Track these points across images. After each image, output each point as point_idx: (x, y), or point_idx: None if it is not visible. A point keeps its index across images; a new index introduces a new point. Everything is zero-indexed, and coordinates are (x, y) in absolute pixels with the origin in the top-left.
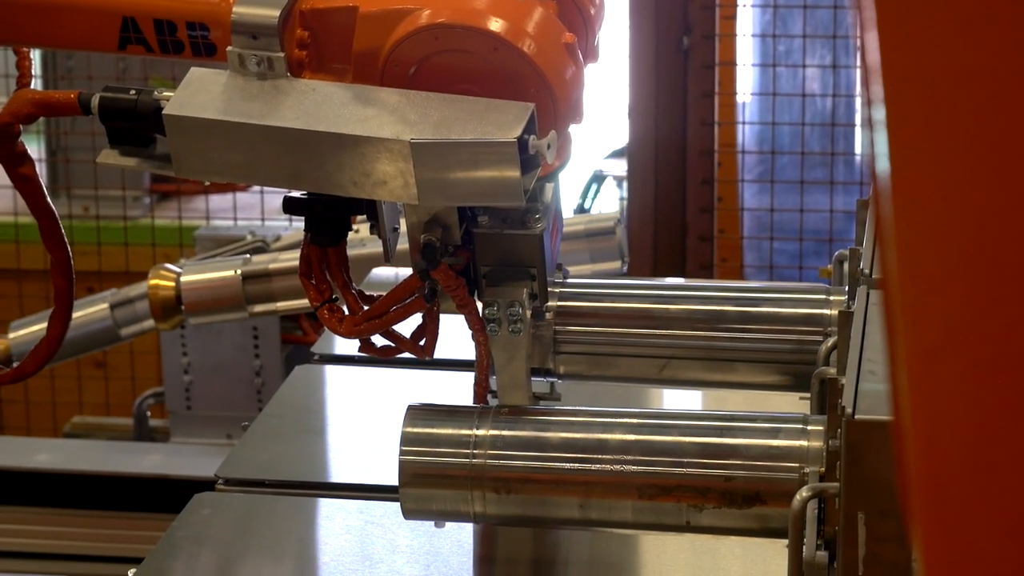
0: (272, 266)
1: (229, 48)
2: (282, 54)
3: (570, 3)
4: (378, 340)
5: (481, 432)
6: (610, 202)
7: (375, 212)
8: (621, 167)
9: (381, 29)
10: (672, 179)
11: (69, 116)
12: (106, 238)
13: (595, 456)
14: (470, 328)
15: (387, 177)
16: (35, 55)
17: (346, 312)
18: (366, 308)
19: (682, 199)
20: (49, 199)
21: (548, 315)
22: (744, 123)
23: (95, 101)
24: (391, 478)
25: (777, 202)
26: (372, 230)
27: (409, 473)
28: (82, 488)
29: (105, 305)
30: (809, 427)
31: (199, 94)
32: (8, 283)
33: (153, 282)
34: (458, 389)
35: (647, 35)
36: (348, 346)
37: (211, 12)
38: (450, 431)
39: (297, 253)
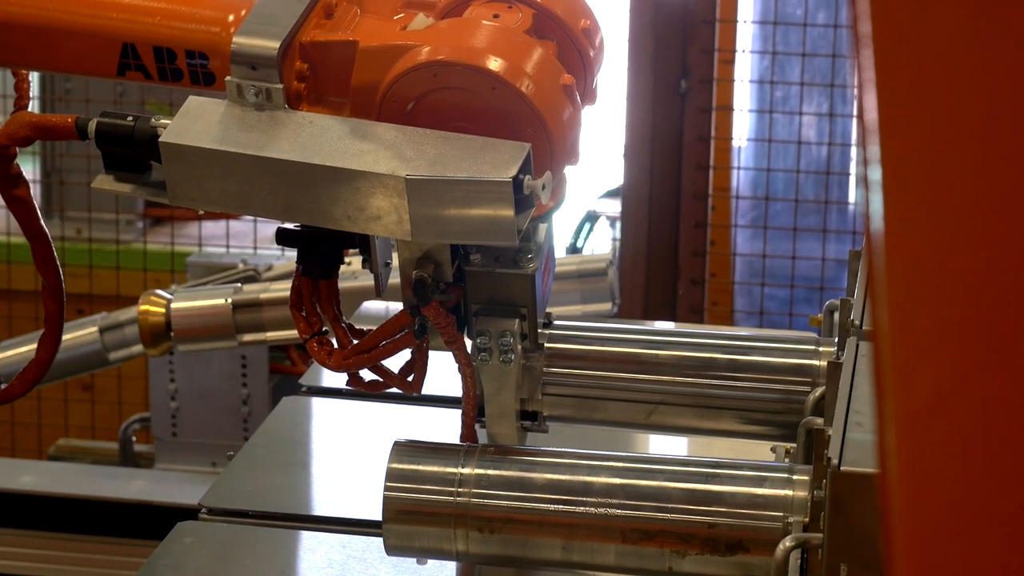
0: (263, 296)
1: (228, 78)
2: (280, 85)
3: (569, 44)
4: (366, 374)
5: (466, 470)
6: (603, 242)
7: (368, 246)
8: (614, 207)
9: (380, 64)
10: (665, 222)
11: (66, 140)
12: (98, 261)
13: (580, 498)
14: (458, 364)
15: (381, 212)
16: (33, 77)
17: (335, 345)
18: (355, 342)
19: (675, 242)
20: (43, 222)
21: (540, 349)
22: (739, 168)
23: (92, 126)
24: (375, 513)
25: (769, 248)
26: (364, 264)
27: (393, 509)
28: (65, 512)
29: (94, 328)
30: (794, 477)
31: (196, 123)
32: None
33: (143, 308)
34: (445, 426)
35: (645, 77)
36: (336, 379)
37: (211, 41)
38: (435, 468)
39: (288, 283)
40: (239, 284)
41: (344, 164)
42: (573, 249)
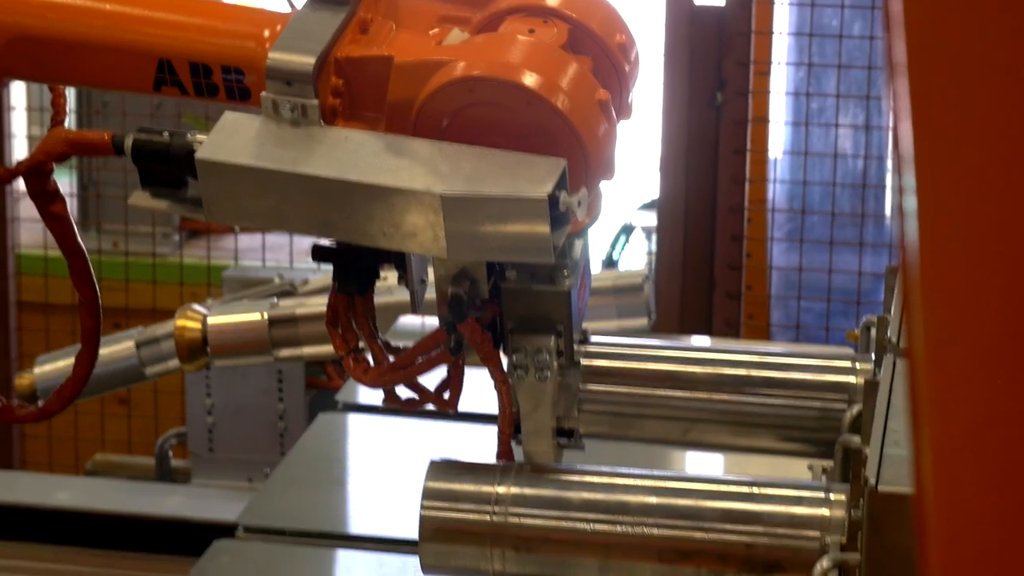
0: (299, 311)
1: (263, 94)
2: (316, 101)
3: (605, 59)
4: (402, 392)
5: (503, 489)
6: (638, 254)
7: (403, 263)
8: (651, 219)
9: (416, 79)
10: (701, 235)
11: (102, 156)
12: (134, 274)
13: (616, 517)
14: (494, 380)
15: (417, 229)
16: (70, 91)
17: (371, 362)
18: (391, 359)
19: (711, 255)
20: (80, 238)
21: (576, 366)
22: (775, 181)
23: (128, 142)
24: (411, 531)
25: (806, 261)
26: (400, 280)
27: (430, 528)
28: (102, 528)
29: (131, 343)
30: (831, 496)
31: (232, 139)
32: (35, 317)
33: (180, 323)
34: (481, 442)
35: (680, 89)
36: (372, 395)
37: (247, 57)
38: (472, 487)
39: (324, 298)
40: (275, 299)
41: (380, 180)
42: (609, 261)
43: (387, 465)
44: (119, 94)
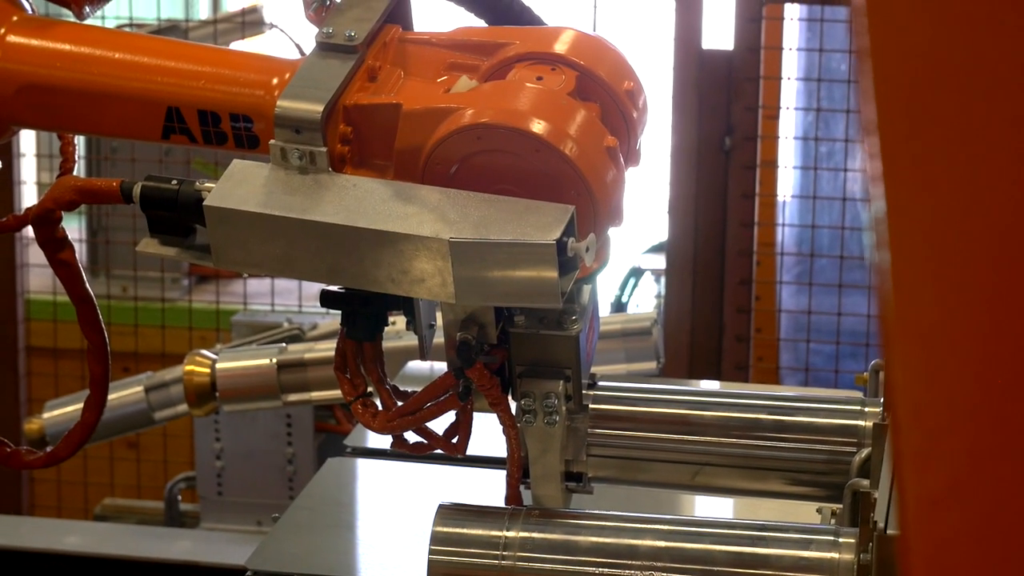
0: (307, 356)
1: (272, 141)
2: (324, 149)
3: (613, 106)
4: (411, 436)
5: (511, 534)
6: (647, 297)
7: (412, 308)
8: (659, 262)
9: (424, 127)
10: (710, 278)
11: (111, 204)
12: (143, 319)
13: (625, 562)
14: (503, 425)
15: (425, 275)
16: (80, 138)
17: (380, 407)
18: (400, 404)
19: (720, 298)
20: (88, 285)
21: (584, 410)
22: (784, 225)
23: (137, 190)
24: None
25: (815, 304)
26: (408, 326)
27: (438, 573)
28: (111, 572)
29: (140, 388)
30: (840, 539)
31: (240, 186)
32: (44, 361)
33: (188, 368)
34: (490, 487)
35: (689, 134)
36: (381, 440)
37: (255, 105)
38: (480, 532)
39: (333, 343)
40: (284, 344)
41: (388, 227)
42: (618, 304)
43: (396, 510)
44: (129, 141)
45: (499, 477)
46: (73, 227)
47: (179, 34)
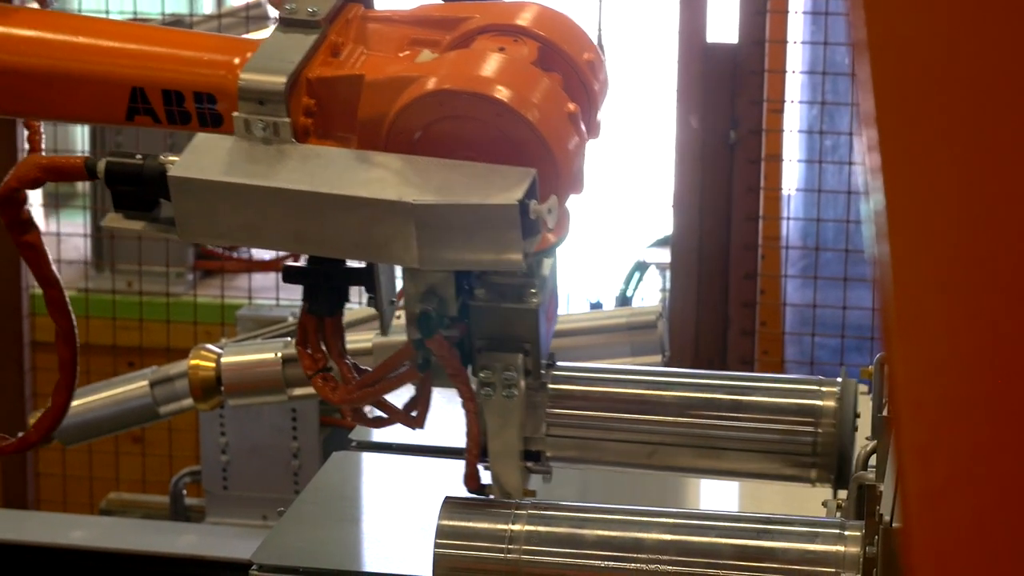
0: None
1: (235, 113)
2: (287, 119)
3: (574, 77)
4: (373, 419)
5: (517, 527)
6: (652, 291)
7: (373, 284)
8: (664, 256)
9: (387, 95)
10: (715, 272)
11: (76, 181)
12: (148, 314)
13: (631, 555)
14: (461, 398)
15: (389, 239)
16: (84, 137)
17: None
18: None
19: (725, 292)
20: (54, 267)
21: (543, 389)
22: (789, 218)
23: (101, 166)
24: (425, 570)
25: (820, 297)
26: (370, 302)
27: (444, 567)
28: (117, 567)
29: (145, 382)
30: (846, 533)
31: (204, 157)
32: (50, 356)
33: (193, 362)
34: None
35: (693, 128)
36: (386, 434)
37: (218, 83)
38: (486, 525)
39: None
40: (289, 338)
41: (351, 192)
42: (623, 298)
43: (401, 503)
44: (132, 135)
45: None
46: (78, 222)
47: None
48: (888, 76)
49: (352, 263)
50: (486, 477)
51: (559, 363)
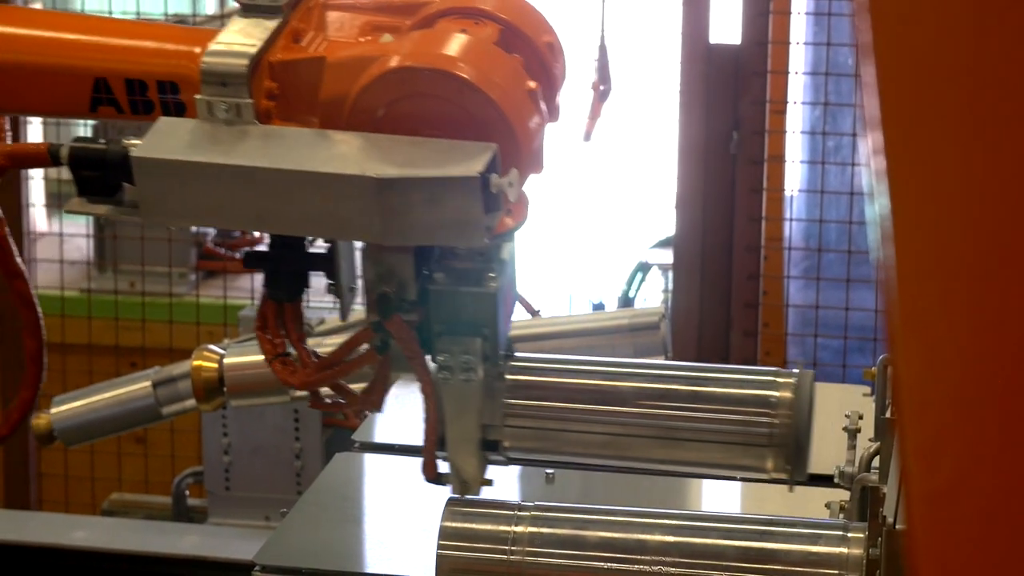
0: (316, 351)
1: (198, 96)
2: (250, 101)
3: (535, 59)
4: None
5: (519, 529)
6: (655, 291)
7: (333, 270)
8: (666, 257)
9: (349, 75)
10: (718, 273)
11: (40, 168)
12: (151, 314)
13: (634, 556)
14: (419, 382)
15: (351, 215)
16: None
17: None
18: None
19: (727, 293)
20: (19, 259)
21: (501, 379)
22: (791, 219)
23: (65, 151)
24: (428, 572)
25: (822, 298)
26: (329, 288)
27: (446, 568)
28: (119, 567)
29: (148, 383)
30: (849, 534)
31: (167, 139)
32: (52, 357)
33: (196, 363)
34: (499, 483)
35: (696, 129)
36: (389, 435)
37: (181, 71)
38: (489, 527)
39: (341, 338)
40: None
41: (312, 168)
42: (625, 299)
43: (404, 504)
44: (134, 129)
45: (508, 473)
46: (80, 222)
47: None
48: (894, 80)
49: (313, 249)
50: (445, 468)
51: (517, 354)
